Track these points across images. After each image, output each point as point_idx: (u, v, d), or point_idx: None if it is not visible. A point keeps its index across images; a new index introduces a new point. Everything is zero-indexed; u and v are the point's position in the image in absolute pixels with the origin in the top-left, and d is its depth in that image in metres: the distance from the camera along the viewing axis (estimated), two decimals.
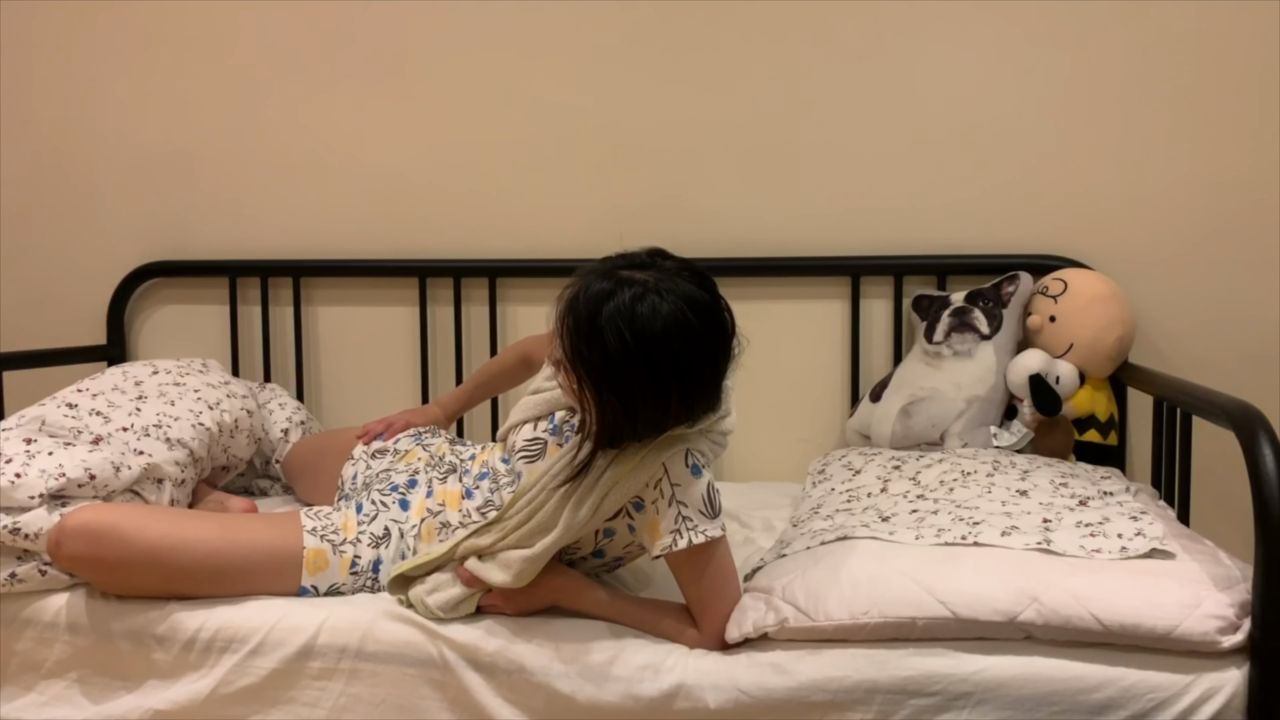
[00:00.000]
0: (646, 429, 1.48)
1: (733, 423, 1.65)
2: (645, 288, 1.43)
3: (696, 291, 1.46)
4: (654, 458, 1.49)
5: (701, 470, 1.50)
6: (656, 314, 1.41)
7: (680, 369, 1.44)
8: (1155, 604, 1.37)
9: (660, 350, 1.41)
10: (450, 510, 1.73)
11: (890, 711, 1.40)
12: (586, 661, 1.48)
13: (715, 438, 1.62)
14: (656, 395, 1.44)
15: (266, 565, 1.64)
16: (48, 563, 1.67)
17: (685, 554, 1.50)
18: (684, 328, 1.42)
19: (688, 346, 1.43)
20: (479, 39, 2.49)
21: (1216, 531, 1.78)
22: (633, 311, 1.41)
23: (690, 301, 1.44)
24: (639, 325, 1.41)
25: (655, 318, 1.41)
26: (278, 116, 2.61)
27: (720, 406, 1.57)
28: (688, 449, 1.50)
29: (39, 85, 2.71)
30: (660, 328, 1.41)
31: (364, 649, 1.55)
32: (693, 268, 1.49)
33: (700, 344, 1.45)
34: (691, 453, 1.50)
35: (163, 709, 1.60)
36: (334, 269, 2.58)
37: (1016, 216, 2.32)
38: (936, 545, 1.52)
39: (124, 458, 1.85)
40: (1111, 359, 2.15)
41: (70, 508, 1.69)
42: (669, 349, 1.42)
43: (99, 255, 2.71)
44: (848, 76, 2.37)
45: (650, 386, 1.43)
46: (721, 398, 1.56)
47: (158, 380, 2.19)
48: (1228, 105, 2.23)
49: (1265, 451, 1.37)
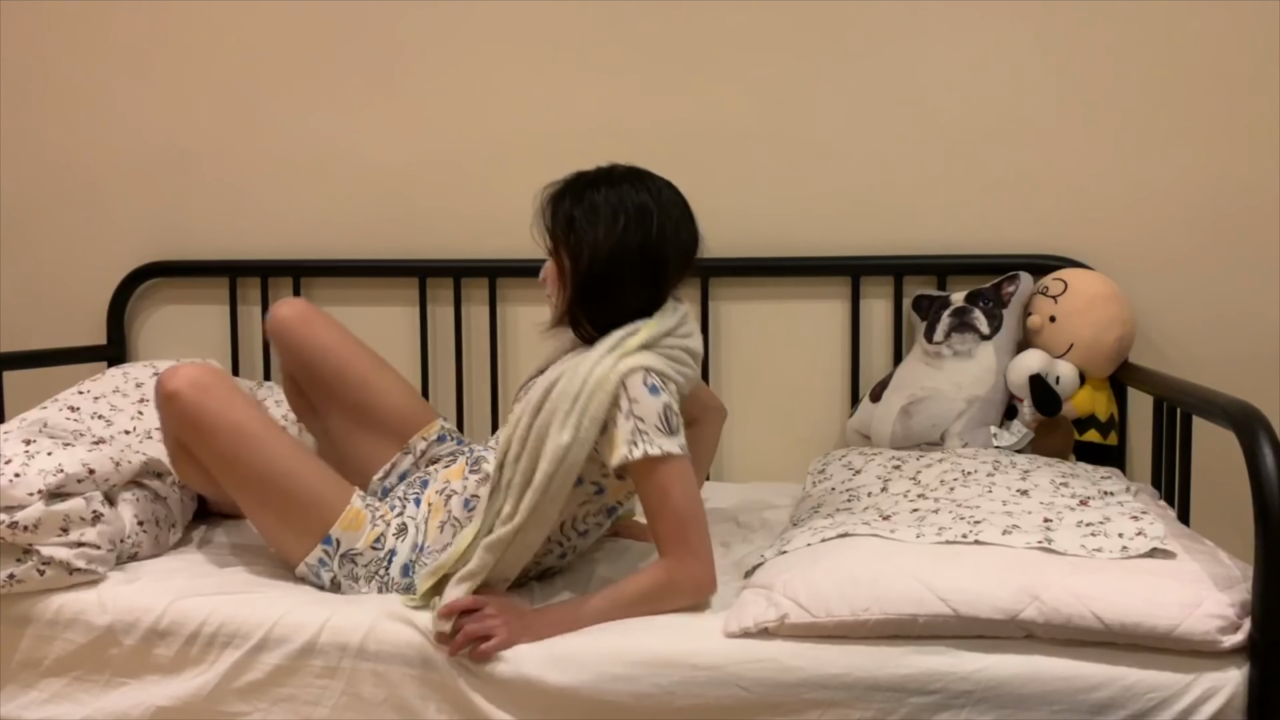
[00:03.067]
0: (607, 287, 1.65)
1: (696, 344, 1.71)
2: (632, 179, 1.69)
3: (674, 195, 1.72)
4: (614, 379, 1.57)
5: (659, 390, 1.57)
6: (638, 192, 1.67)
7: (645, 237, 1.65)
8: (1156, 603, 1.37)
9: (634, 218, 1.65)
10: (454, 481, 1.77)
11: (890, 709, 1.40)
12: (586, 661, 1.48)
13: (677, 355, 1.65)
14: (620, 256, 1.64)
15: (311, 498, 1.71)
16: (45, 562, 1.67)
17: (644, 469, 1.55)
18: (651, 208, 1.67)
19: (657, 221, 1.66)
20: (479, 39, 2.49)
21: (1216, 531, 1.78)
22: (620, 189, 1.67)
23: (667, 197, 1.70)
24: (620, 194, 1.66)
25: (637, 194, 1.67)
26: (278, 116, 2.61)
27: (667, 307, 1.69)
28: (645, 369, 1.58)
29: (39, 86, 2.71)
30: (637, 200, 1.66)
31: (365, 649, 1.55)
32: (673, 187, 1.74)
33: (665, 222, 1.67)
34: (650, 373, 1.58)
35: (165, 705, 1.61)
36: (334, 269, 2.58)
37: (1016, 216, 2.33)
38: (937, 543, 1.53)
39: (124, 454, 1.85)
40: (1111, 359, 2.15)
41: (69, 503, 1.69)
42: (642, 219, 1.65)
43: (99, 255, 2.71)
44: (848, 76, 2.37)
45: (617, 245, 1.63)
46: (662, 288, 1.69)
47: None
48: (1228, 105, 2.24)
49: (1265, 451, 1.37)
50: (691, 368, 1.69)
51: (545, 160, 2.55)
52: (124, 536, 1.79)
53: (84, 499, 1.73)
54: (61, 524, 1.69)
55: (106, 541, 1.74)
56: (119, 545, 1.77)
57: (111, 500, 1.81)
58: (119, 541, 1.77)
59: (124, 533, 1.79)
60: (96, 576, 1.71)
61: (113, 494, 1.82)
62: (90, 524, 1.72)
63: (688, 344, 1.69)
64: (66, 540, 1.69)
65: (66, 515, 1.69)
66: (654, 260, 1.66)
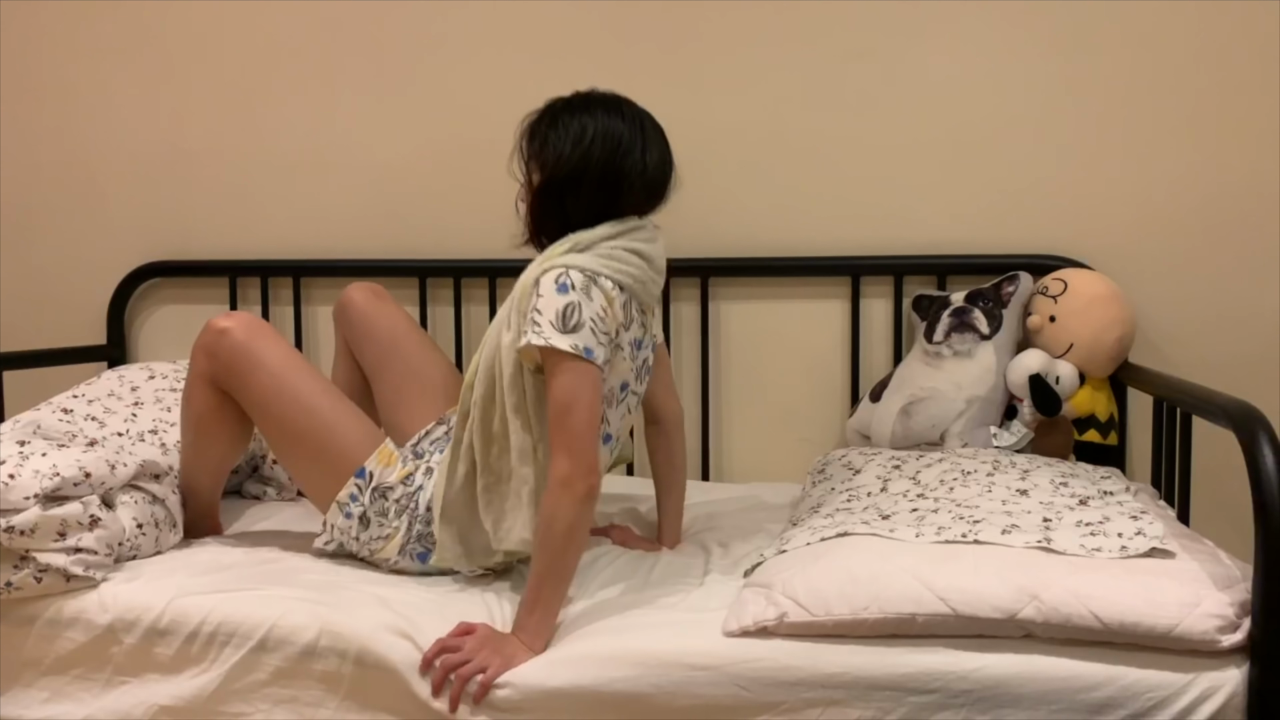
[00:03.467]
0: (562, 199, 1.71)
1: (650, 248, 1.73)
2: (607, 104, 1.74)
3: (649, 123, 1.77)
4: (533, 279, 1.65)
5: (568, 289, 1.61)
6: (610, 116, 1.72)
7: (610, 157, 1.69)
8: (1155, 603, 1.37)
9: (600, 138, 1.70)
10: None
11: (889, 708, 1.40)
12: (585, 661, 1.48)
13: (616, 254, 1.68)
14: (581, 172, 1.69)
15: (346, 437, 1.79)
16: (43, 569, 1.66)
17: (532, 358, 1.62)
18: (620, 130, 1.71)
19: (624, 144, 1.71)
20: (479, 39, 2.50)
21: (1216, 531, 1.78)
22: (594, 112, 1.72)
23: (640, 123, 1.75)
24: (592, 116, 1.72)
25: (609, 118, 1.72)
26: (278, 116, 2.61)
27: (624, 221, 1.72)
28: (563, 268, 1.62)
29: (39, 86, 2.72)
30: (608, 123, 1.71)
31: (366, 648, 1.54)
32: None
33: (633, 146, 1.71)
34: (568, 272, 1.62)
35: (167, 704, 1.61)
36: (334, 269, 2.58)
37: (1016, 216, 2.33)
38: (937, 543, 1.53)
39: (119, 456, 1.84)
40: (1111, 359, 2.15)
41: (65, 507, 1.69)
42: (608, 140, 1.70)
43: (99, 255, 2.71)
44: (848, 77, 2.37)
45: (580, 162, 1.69)
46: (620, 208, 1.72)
47: (154, 386, 2.20)
48: (1228, 106, 2.24)
49: (1265, 451, 1.37)
50: (638, 266, 1.70)
51: None
52: (122, 540, 1.78)
53: (81, 503, 1.71)
54: (59, 529, 1.68)
55: (104, 546, 1.72)
56: (117, 549, 1.76)
57: (109, 503, 1.80)
58: (117, 545, 1.76)
59: (122, 536, 1.78)
60: (94, 582, 1.70)
61: (110, 497, 1.81)
62: (87, 528, 1.71)
63: (635, 245, 1.71)
64: (64, 546, 1.68)
65: (63, 520, 1.68)
66: (615, 180, 1.70)
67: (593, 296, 1.62)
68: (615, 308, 1.65)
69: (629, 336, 1.71)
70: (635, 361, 1.75)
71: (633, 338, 1.72)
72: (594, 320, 1.61)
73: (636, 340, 1.74)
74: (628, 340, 1.71)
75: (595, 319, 1.61)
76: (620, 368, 1.71)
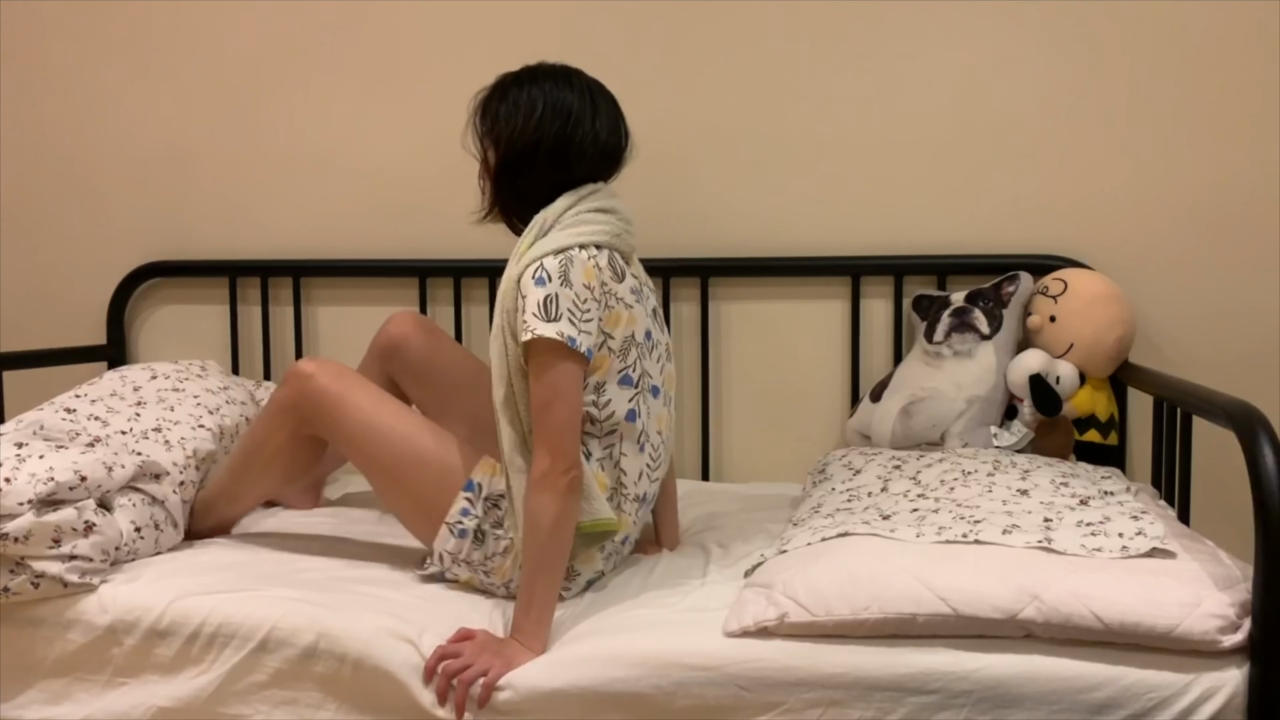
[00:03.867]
0: (521, 175, 1.74)
1: (610, 202, 1.76)
2: (556, 76, 1.75)
3: (600, 93, 1.78)
4: (514, 281, 1.66)
5: (545, 282, 1.62)
6: (560, 88, 1.73)
7: (562, 128, 1.71)
8: (1156, 603, 1.37)
9: (550, 111, 1.72)
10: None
11: (889, 709, 1.40)
12: (586, 661, 1.48)
13: (583, 218, 1.70)
14: (535, 145, 1.71)
15: (445, 460, 1.77)
16: (39, 576, 1.66)
17: (526, 352, 1.62)
18: (571, 102, 1.73)
19: (575, 114, 1.72)
20: (479, 39, 2.50)
21: (1216, 531, 1.78)
22: (543, 84, 1.74)
23: (591, 94, 1.76)
24: (541, 89, 1.73)
25: (558, 89, 1.73)
26: (278, 116, 2.61)
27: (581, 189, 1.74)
28: (536, 261, 1.64)
29: (39, 85, 2.72)
30: (558, 94, 1.73)
31: (367, 647, 1.54)
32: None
33: (583, 117, 1.73)
34: (541, 263, 1.63)
35: (166, 705, 1.61)
36: (334, 269, 2.58)
37: (1016, 216, 2.32)
38: (937, 543, 1.53)
39: (117, 457, 1.83)
40: (1112, 359, 2.15)
41: (60, 513, 1.68)
42: (558, 112, 1.72)
43: (99, 255, 2.71)
44: (848, 76, 2.37)
45: (534, 135, 1.71)
46: (564, 167, 1.74)
47: (156, 386, 2.19)
48: (1228, 106, 2.24)
49: (1265, 451, 1.37)
50: (606, 221, 1.72)
51: None
52: (119, 544, 1.76)
53: (75, 509, 1.70)
54: (53, 535, 1.66)
55: (99, 553, 1.71)
56: (114, 553, 1.75)
57: (107, 506, 1.79)
58: (114, 550, 1.75)
59: (119, 541, 1.76)
60: (91, 588, 1.69)
61: (108, 500, 1.79)
62: (83, 535, 1.69)
63: (596, 204, 1.73)
64: (59, 553, 1.66)
65: (58, 526, 1.67)
66: (568, 150, 1.72)
67: (571, 278, 1.63)
68: (601, 272, 1.66)
69: (626, 287, 1.71)
70: (645, 307, 1.76)
71: (630, 286, 1.72)
72: (573, 307, 1.61)
73: (635, 289, 1.74)
74: (628, 290, 1.71)
75: (574, 305, 1.62)
76: (632, 316, 1.71)
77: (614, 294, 1.68)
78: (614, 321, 1.68)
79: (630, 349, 1.70)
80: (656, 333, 1.79)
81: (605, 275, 1.67)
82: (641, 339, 1.72)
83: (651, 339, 1.76)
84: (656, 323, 1.81)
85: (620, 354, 1.69)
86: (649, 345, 1.75)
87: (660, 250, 2.44)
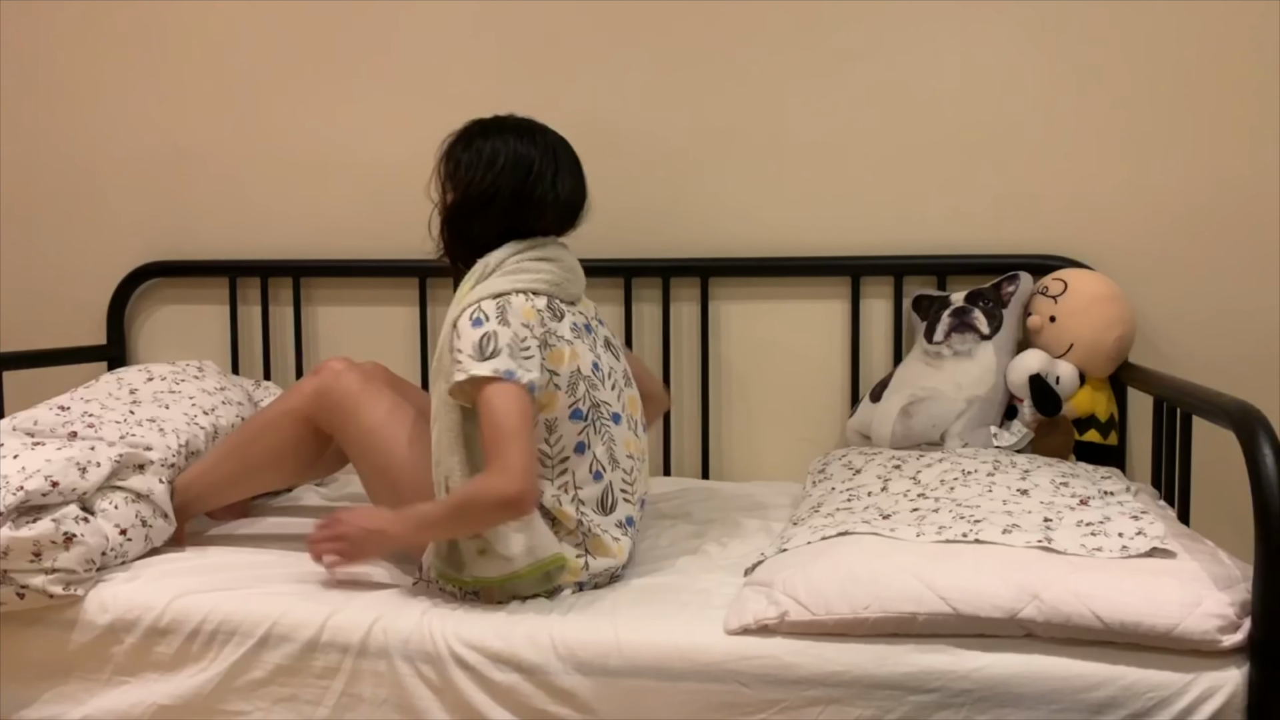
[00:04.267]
0: (470, 222, 1.78)
1: (553, 251, 1.77)
2: (520, 130, 1.79)
3: (563, 150, 1.81)
4: (451, 323, 1.69)
5: (482, 322, 1.65)
6: (523, 142, 1.76)
7: (520, 184, 1.75)
8: (1156, 602, 1.37)
9: (511, 165, 1.75)
10: None
11: (890, 707, 1.40)
12: (587, 659, 1.49)
13: (525, 266, 1.73)
14: (491, 198, 1.75)
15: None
16: (24, 587, 1.65)
17: (467, 393, 1.63)
18: (532, 158, 1.76)
19: (535, 170, 1.76)
20: (478, 39, 2.50)
21: (1216, 531, 1.78)
22: (506, 137, 1.77)
23: (554, 151, 1.79)
24: (505, 141, 1.76)
25: (520, 144, 1.76)
26: (278, 116, 2.61)
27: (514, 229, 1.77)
28: (475, 304, 1.67)
29: (39, 85, 2.72)
30: (520, 149, 1.76)
31: (366, 647, 1.55)
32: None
33: (544, 172, 1.76)
34: (480, 305, 1.66)
35: (166, 703, 1.61)
36: (334, 269, 2.58)
37: (1016, 216, 2.33)
38: (938, 542, 1.53)
39: (94, 453, 1.80)
40: (1111, 359, 2.15)
41: (37, 527, 1.65)
42: (518, 167, 1.75)
43: (99, 255, 2.71)
44: (848, 76, 2.37)
45: (490, 187, 1.75)
46: (516, 220, 1.77)
47: (153, 387, 2.19)
48: (1228, 105, 2.24)
49: (1265, 451, 1.37)
50: (547, 270, 1.74)
51: None
52: (105, 550, 1.74)
53: (54, 520, 1.67)
54: (33, 549, 1.64)
55: (83, 563, 1.68)
56: (100, 559, 1.72)
57: (89, 509, 1.76)
58: (99, 556, 1.72)
59: (104, 546, 1.74)
60: (77, 598, 1.67)
61: (89, 503, 1.77)
62: (63, 547, 1.66)
63: (540, 254, 1.75)
64: (40, 567, 1.65)
65: (36, 541, 1.64)
66: (524, 205, 1.75)
67: (509, 319, 1.65)
68: (539, 315, 1.68)
69: (566, 325, 1.72)
70: (590, 341, 1.77)
71: (570, 324, 1.74)
72: (511, 345, 1.63)
73: (575, 325, 1.75)
74: (567, 328, 1.72)
75: (513, 343, 1.63)
76: (575, 352, 1.71)
77: (553, 332, 1.70)
78: (557, 359, 1.69)
79: (578, 383, 1.71)
80: (610, 360, 1.80)
81: (545, 316, 1.70)
82: (589, 371, 1.73)
83: (601, 370, 1.76)
84: (610, 351, 1.82)
85: (569, 389, 1.70)
86: (600, 376, 1.75)
87: (660, 250, 2.45)
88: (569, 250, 1.82)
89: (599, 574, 1.71)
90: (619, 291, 2.47)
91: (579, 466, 1.71)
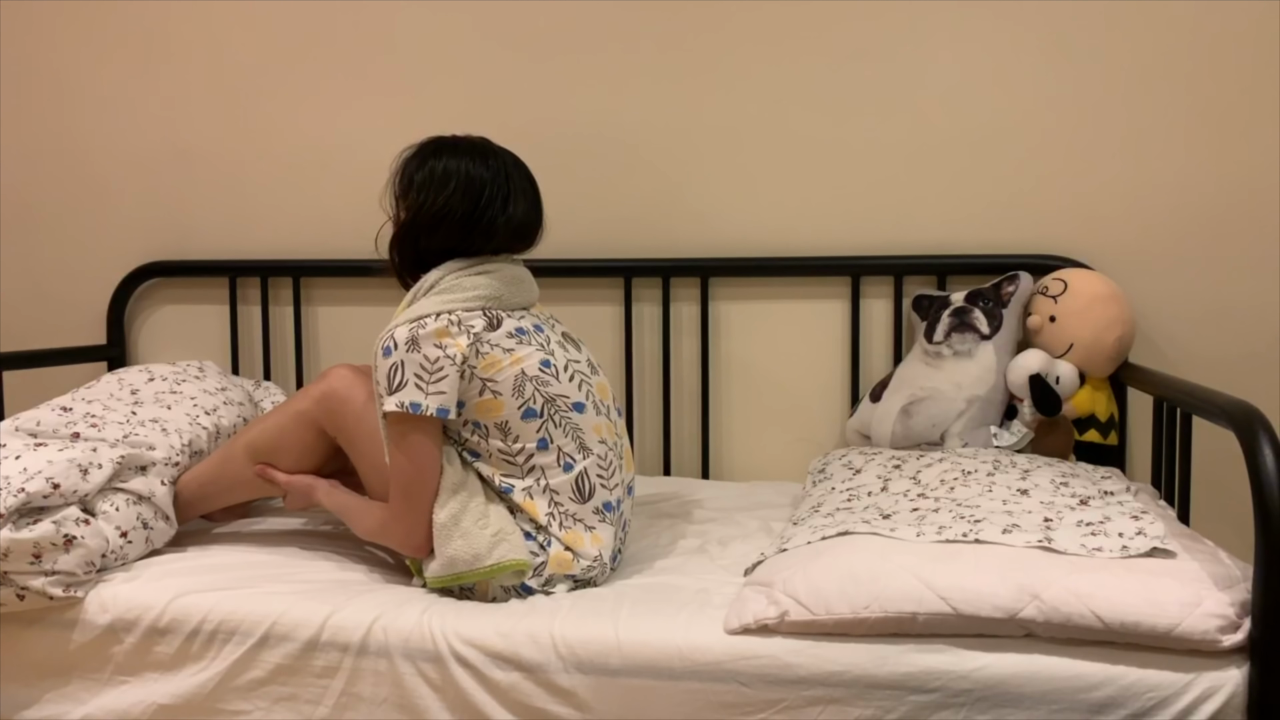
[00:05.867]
0: (418, 241, 1.78)
1: (494, 266, 1.77)
2: (475, 151, 1.80)
3: (517, 173, 1.82)
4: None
5: (390, 352, 1.68)
6: (476, 164, 1.77)
7: (472, 207, 1.75)
8: (1156, 602, 1.37)
9: (463, 187, 1.76)
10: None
11: (890, 707, 1.40)
12: (587, 659, 1.49)
13: (458, 284, 1.73)
14: (441, 219, 1.75)
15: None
16: (24, 588, 1.65)
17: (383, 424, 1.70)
18: (485, 180, 1.77)
19: (488, 194, 1.76)
20: (479, 39, 2.50)
21: (1216, 531, 1.79)
22: (461, 158, 1.78)
23: (507, 173, 1.80)
24: (459, 163, 1.77)
25: (474, 165, 1.77)
26: (278, 116, 2.61)
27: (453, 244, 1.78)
28: (391, 333, 1.69)
29: (39, 85, 2.72)
30: (473, 171, 1.77)
31: (366, 647, 1.55)
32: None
33: (496, 195, 1.77)
34: (392, 334, 1.69)
35: (166, 703, 1.61)
36: (334, 269, 2.58)
37: (1016, 216, 2.33)
38: (938, 542, 1.53)
39: (96, 454, 1.80)
40: (1111, 359, 2.15)
41: (37, 529, 1.65)
42: (470, 190, 1.76)
43: (99, 255, 2.71)
44: (848, 76, 2.37)
45: (442, 209, 1.75)
46: (464, 240, 1.77)
47: (154, 388, 2.19)
48: (1228, 105, 2.24)
49: (1265, 451, 1.37)
50: (485, 285, 1.74)
51: (544, 160, 2.55)
52: (105, 552, 1.74)
53: (54, 522, 1.67)
54: (33, 551, 1.64)
55: (83, 565, 1.68)
56: (100, 561, 1.72)
57: (90, 511, 1.76)
58: (99, 558, 1.72)
59: (105, 549, 1.73)
60: (78, 599, 1.68)
61: (90, 504, 1.77)
62: (63, 549, 1.66)
63: (480, 268, 1.75)
64: (40, 569, 1.65)
65: (36, 543, 1.64)
66: (473, 228, 1.76)
67: (420, 344, 1.66)
68: (465, 331, 1.68)
69: (503, 333, 1.71)
70: (538, 340, 1.75)
71: (507, 330, 1.72)
72: (420, 372, 1.65)
73: (522, 329, 1.74)
74: (504, 335, 1.71)
75: (422, 368, 1.65)
76: (516, 357, 1.71)
77: (488, 341, 1.69)
78: (492, 366, 1.69)
79: (524, 385, 1.70)
80: (568, 354, 1.78)
81: (475, 329, 1.69)
82: (536, 371, 1.72)
83: (554, 365, 1.75)
84: (569, 345, 1.81)
85: (514, 392, 1.70)
86: (553, 372, 1.74)
87: (660, 250, 2.45)
88: (517, 262, 1.83)
89: (589, 567, 1.72)
90: (619, 291, 2.47)
91: (545, 460, 1.72)
